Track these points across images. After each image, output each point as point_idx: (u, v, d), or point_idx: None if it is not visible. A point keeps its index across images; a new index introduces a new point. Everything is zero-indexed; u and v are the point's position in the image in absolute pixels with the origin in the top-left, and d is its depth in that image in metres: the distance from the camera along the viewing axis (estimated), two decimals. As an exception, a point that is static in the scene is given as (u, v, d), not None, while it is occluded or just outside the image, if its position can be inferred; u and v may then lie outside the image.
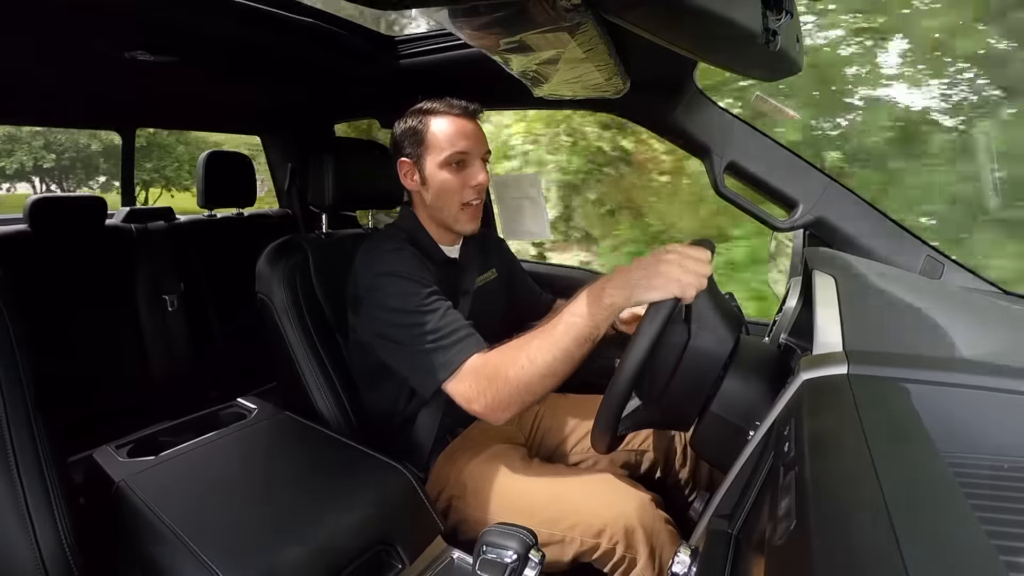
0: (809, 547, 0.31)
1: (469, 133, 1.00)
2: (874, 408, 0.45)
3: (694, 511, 0.70)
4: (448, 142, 0.99)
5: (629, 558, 0.81)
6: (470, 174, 1.00)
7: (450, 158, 0.99)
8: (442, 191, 1.01)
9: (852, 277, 0.70)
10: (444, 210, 1.02)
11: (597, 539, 0.82)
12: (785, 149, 1.08)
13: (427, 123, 1.00)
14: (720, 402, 0.71)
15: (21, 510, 0.56)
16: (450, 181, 1.00)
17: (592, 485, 0.89)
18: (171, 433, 0.93)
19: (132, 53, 1.16)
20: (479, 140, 1.01)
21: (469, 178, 1.00)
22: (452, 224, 1.03)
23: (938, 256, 0.99)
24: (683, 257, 0.70)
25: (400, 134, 1.03)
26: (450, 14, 0.66)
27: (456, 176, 1.00)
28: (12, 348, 0.59)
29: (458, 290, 1.06)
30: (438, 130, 0.99)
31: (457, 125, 1.00)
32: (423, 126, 1.00)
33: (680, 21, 0.56)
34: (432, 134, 0.99)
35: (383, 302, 0.92)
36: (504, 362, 0.80)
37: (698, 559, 0.54)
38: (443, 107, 1.00)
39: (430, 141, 1.00)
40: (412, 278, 0.92)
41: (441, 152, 0.99)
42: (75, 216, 1.62)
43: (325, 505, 0.70)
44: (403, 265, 0.94)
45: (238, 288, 1.89)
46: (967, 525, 0.31)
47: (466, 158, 1.00)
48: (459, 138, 0.99)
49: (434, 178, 1.00)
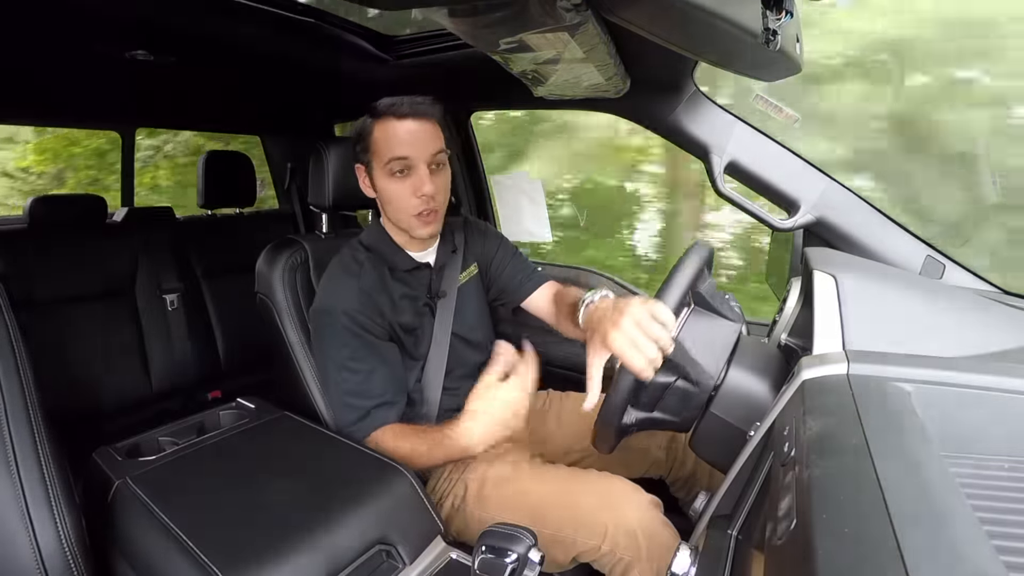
0: (809, 547, 0.31)
1: (411, 134, 0.90)
2: (874, 408, 0.45)
3: (694, 511, 0.70)
4: (387, 147, 0.90)
5: (628, 560, 0.81)
6: (415, 183, 0.91)
7: (390, 165, 0.91)
8: (390, 202, 0.94)
9: (852, 277, 0.70)
10: (398, 220, 0.96)
11: (597, 540, 0.82)
12: (785, 149, 1.08)
13: (372, 127, 0.92)
14: (720, 402, 0.71)
15: (21, 510, 0.55)
16: (396, 191, 0.92)
17: (593, 486, 0.88)
18: (171, 433, 0.93)
19: (132, 53, 1.17)
20: (424, 142, 0.91)
21: (415, 187, 0.91)
22: (409, 231, 0.96)
23: (938, 256, 0.98)
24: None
25: (353, 138, 0.97)
26: (450, 14, 0.66)
27: (401, 185, 0.92)
28: (12, 348, 0.59)
29: (435, 293, 1.03)
30: (379, 134, 0.91)
31: (398, 127, 0.90)
32: (368, 130, 0.92)
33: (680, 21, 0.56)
34: (375, 139, 0.92)
35: (317, 338, 0.97)
36: (396, 447, 0.89)
37: (698, 559, 0.54)
38: (387, 107, 0.91)
39: (374, 147, 0.92)
40: (346, 326, 0.92)
41: (381, 159, 0.91)
42: (75, 215, 1.62)
43: (325, 505, 0.70)
44: (345, 303, 0.92)
45: (238, 288, 1.90)
46: (967, 525, 0.31)
47: (408, 164, 0.91)
48: (398, 142, 0.90)
49: (381, 187, 0.94)
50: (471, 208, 1.70)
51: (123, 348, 1.65)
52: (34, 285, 1.48)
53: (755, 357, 0.74)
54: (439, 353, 1.02)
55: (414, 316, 1.00)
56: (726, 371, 0.71)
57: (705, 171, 1.12)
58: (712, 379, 0.71)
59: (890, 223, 1.02)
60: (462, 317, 1.06)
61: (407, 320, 0.99)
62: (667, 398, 0.73)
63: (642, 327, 0.67)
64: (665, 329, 0.67)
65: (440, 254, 1.06)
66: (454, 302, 1.05)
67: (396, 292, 0.99)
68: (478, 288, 1.13)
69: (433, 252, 1.05)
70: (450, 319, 1.03)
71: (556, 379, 1.34)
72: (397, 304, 0.98)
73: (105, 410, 1.58)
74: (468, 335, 1.07)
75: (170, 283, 1.76)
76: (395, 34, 1.41)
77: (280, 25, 1.16)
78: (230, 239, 1.95)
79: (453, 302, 1.04)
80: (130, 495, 0.71)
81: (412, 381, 1.01)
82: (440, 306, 1.03)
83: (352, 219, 1.95)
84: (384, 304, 0.96)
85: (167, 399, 1.74)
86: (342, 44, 1.31)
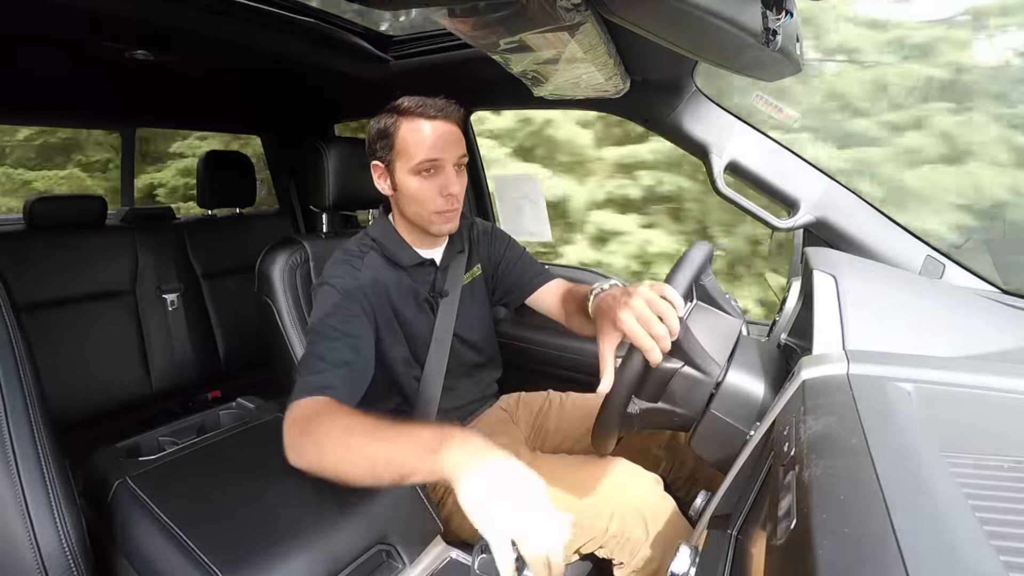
0: (809, 547, 0.31)
1: (442, 138, 0.92)
2: (874, 408, 0.45)
3: (694, 511, 0.70)
4: (418, 148, 0.91)
5: (636, 539, 0.81)
6: (443, 183, 0.93)
7: (420, 166, 0.92)
8: (413, 200, 0.95)
9: (852, 277, 0.70)
10: (418, 216, 0.96)
11: (604, 522, 0.82)
12: (785, 149, 1.08)
13: (398, 126, 0.93)
14: (720, 402, 0.71)
15: (21, 510, 0.55)
16: (421, 190, 0.93)
17: (596, 469, 0.89)
18: (171, 433, 0.92)
19: (132, 53, 1.17)
20: (453, 145, 0.93)
21: (441, 187, 0.93)
22: (427, 227, 0.97)
23: (938, 256, 0.99)
24: None
25: (372, 135, 0.96)
26: (450, 14, 0.66)
27: (427, 184, 0.93)
28: (12, 348, 0.59)
29: (438, 291, 1.03)
30: (409, 134, 0.92)
31: (429, 129, 0.91)
32: (394, 129, 0.93)
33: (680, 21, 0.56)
34: (402, 138, 0.92)
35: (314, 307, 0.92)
36: (330, 426, 0.69)
37: (698, 559, 0.54)
38: (416, 108, 0.91)
39: (400, 146, 0.93)
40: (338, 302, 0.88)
41: (411, 159, 0.92)
42: (75, 215, 1.62)
43: (325, 505, 0.70)
44: (343, 281, 0.91)
45: (238, 288, 1.90)
46: (967, 525, 0.31)
47: (438, 165, 0.92)
48: (430, 144, 0.91)
49: (405, 185, 0.94)
50: (471, 208, 1.70)
51: (123, 348, 1.65)
52: (34, 285, 1.49)
53: (755, 357, 0.74)
54: (440, 352, 1.02)
55: (415, 310, 1.00)
56: (727, 369, 0.71)
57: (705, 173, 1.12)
58: (718, 368, 0.70)
59: (890, 223, 1.02)
60: (464, 317, 1.06)
61: (406, 312, 0.99)
62: (673, 386, 0.72)
63: (652, 305, 0.67)
64: (673, 308, 0.67)
65: (446, 253, 1.06)
66: (457, 302, 1.05)
67: (399, 281, 0.99)
68: (481, 290, 1.14)
69: (439, 251, 1.05)
70: (452, 318, 1.03)
71: (556, 379, 1.34)
72: (398, 291, 0.98)
73: (105, 410, 1.58)
74: (469, 336, 1.08)
75: (170, 283, 1.76)
76: (395, 34, 1.41)
77: (280, 25, 1.17)
78: (230, 239, 1.96)
79: (456, 302, 1.04)
80: (130, 495, 0.71)
81: (412, 380, 1.01)
82: (442, 305, 1.03)
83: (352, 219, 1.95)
84: (382, 289, 0.95)
85: (167, 399, 1.74)
86: (342, 44, 1.31)
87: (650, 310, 0.67)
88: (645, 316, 0.66)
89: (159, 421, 0.96)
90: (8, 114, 1.79)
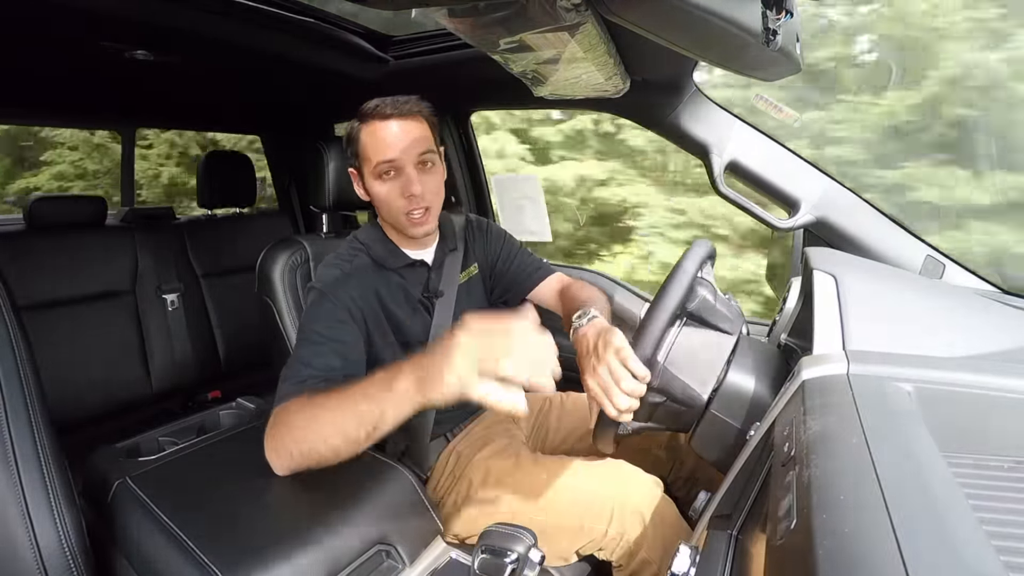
0: (809, 547, 0.31)
1: (397, 137, 0.89)
2: (874, 408, 0.45)
3: (694, 511, 0.70)
4: (375, 151, 0.90)
5: (635, 540, 0.81)
6: (403, 184, 0.90)
7: (378, 168, 0.90)
8: (383, 204, 0.94)
9: (852, 277, 0.70)
10: (391, 219, 0.95)
11: (604, 524, 0.83)
12: (785, 149, 1.08)
13: (360, 130, 0.91)
14: (720, 402, 0.71)
15: (21, 510, 0.55)
16: (383, 193, 0.92)
17: (596, 470, 0.89)
18: (171, 433, 0.92)
19: (132, 53, 1.17)
20: (412, 143, 0.90)
21: (403, 188, 0.91)
22: (403, 230, 0.96)
23: (938, 256, 0.98)
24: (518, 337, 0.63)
25: (343, 143, 0.96)
26: (449, 14, 0.66)
27: (389, 187, 0.91)
28: (12, 348, 0.59)
29: (432, 292, 1.02)
30: (367, 138, 0.90)
31: (384, 130, 0.89)
32: (356, 133, 0.92)
33: (680, 21, 0.56)
34: (363, 143, 0.91)
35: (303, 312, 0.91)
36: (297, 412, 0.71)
37: (698, 559, 0.54)
38: (372, 110, 0.90)
39: (361, 151, 0.92)
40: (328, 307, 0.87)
41: (370, 163, 0.91)
42: (75, 215, 1.62)
43: (325, 505, 0.70)
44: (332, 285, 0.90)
45: (238, 288, 1.90)
46: (967, 525, 0.31)
47: (396, 165, 0.90)
48: (386, 145, 0.89)
49: (372, 190, 0.93)
50: (471, 208, 1.70)
51: (123, 348, 1.65)
52: (35, 285, 1.49)
53: (755, 357, 0.74)
54: None
55: (409, 312, 0.99)
56: (725, 372, 0.72)
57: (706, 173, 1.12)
58: (701, 397, 0.71)
59: (890, 223, 1.02)
60: (460, 317, 1.05)
61: (399, 314, 0.97)
62: (658, 415, 0.75)
63: (615, 376, 0.68)
64: (636, 380, 0.68)
65: (438, 252, 1.05)
66: (453, 301, 1.04)
67: (389, 283, 0.98)
68: (479, 288, 1.13)
69: (430, 251, 1.04)
70: (448, 318, 1.02)
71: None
72: (389, 294, 0.97)
73: (105, 410, 1.58)
74: None
75: (170, 283, 1.76)
76: (395, 34, 1.41)
77: (280, 25, 1.17)
78: (230, 239, 1.96)
79: (452, 301, 1.03)
80: (130, 495, 0.71)
81: None
82: (438, 305, 1.02)
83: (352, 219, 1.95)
84: (371, 293, 0.94)
85: (167, 399, 1.74)
86: (342, 44, 1.31)
87: (612, 380, 0.69)
88: (608, 387, 0.69)
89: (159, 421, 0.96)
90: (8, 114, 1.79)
